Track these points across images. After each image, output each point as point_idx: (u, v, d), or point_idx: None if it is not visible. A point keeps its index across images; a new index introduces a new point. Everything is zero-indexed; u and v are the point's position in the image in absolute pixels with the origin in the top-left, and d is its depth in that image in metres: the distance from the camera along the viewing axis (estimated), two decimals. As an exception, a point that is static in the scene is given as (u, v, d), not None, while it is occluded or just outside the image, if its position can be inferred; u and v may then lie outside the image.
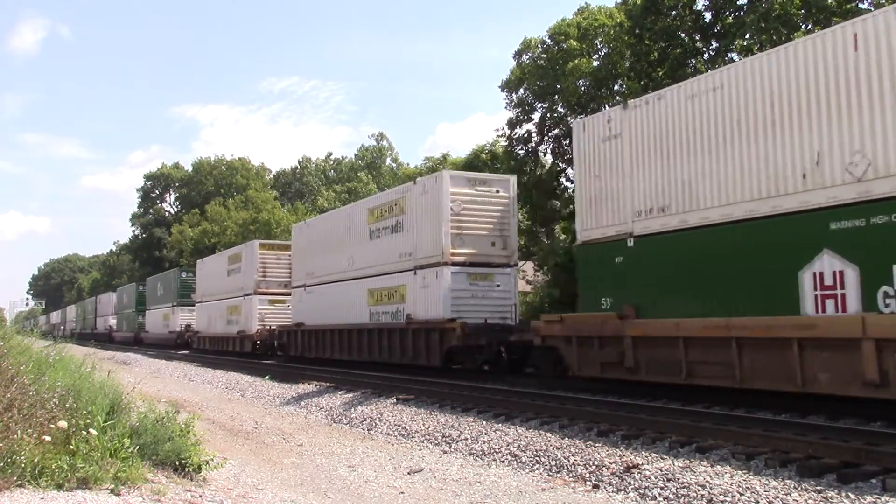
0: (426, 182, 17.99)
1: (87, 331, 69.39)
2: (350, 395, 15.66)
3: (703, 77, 11.79)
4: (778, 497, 6.49)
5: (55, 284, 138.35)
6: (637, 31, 27.78)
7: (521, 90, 33.87)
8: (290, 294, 26.70)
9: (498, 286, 17.01)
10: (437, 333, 16.76)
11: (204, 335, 35.24)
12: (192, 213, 66.13)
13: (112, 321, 61.18)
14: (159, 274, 51.85)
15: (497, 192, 17.49)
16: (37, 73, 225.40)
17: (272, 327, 27.50)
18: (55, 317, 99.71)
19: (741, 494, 6.64)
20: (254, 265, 28.90)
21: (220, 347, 32.38)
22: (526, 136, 34.19)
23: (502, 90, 34.50)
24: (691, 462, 7.80)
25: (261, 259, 28.97)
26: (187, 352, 36.32)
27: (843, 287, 9.16)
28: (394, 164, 69.45)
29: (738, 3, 25.90)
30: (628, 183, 12.30)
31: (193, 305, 38.97)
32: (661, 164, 11.77)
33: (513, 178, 18.19)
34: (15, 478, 5.32)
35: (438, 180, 17.27)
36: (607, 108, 31.33)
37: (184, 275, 42.64)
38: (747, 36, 25.58)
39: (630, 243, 12.19)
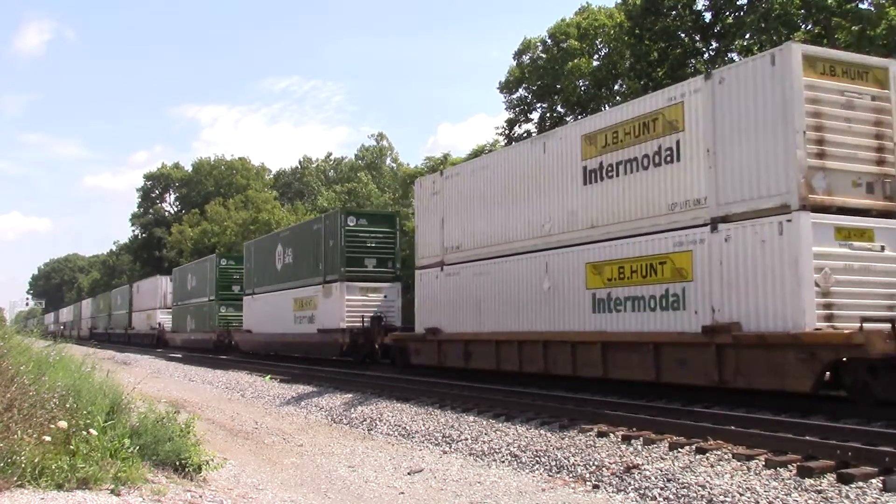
0: None
1: (119, 331, 53.98)
2: (350, 395, 15.66)
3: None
4: (778, 497, 6.49)
5: (55, 284, 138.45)
6: (637, 31, 27.81)
7: (521, 90, 33.90)
8: None
9: None
10: None
11: (461, 336, 16.24)
12: (192, 213, 66.19)
13: (162, 317, 43.73)
14: (278, 231, 33.04)
15: None
16: (40, 74, 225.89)
17: None
18: (65, 314, 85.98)
19: (741, 494, 6.63)
20: (789, 112, 9.93)
21: (607, 372, 12.61)
22: (525, 135, 34.22)
23: (500, 91, 34.54)
24: (691, 462, 7.79)
25: (813, 92, 10.06)
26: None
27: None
28: (394, 165, 69.44)
29: (738, 3, 25.92)
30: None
31: (375, 282, 22.26)
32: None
33: None
34: (15, 478, 5.31)
35: None
36: (607, 107, 31.39)
37: (353, 222, 22.47)
38: (747, 36, 25.60)
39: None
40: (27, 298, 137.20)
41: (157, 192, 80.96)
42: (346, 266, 21.99)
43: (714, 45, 27.40)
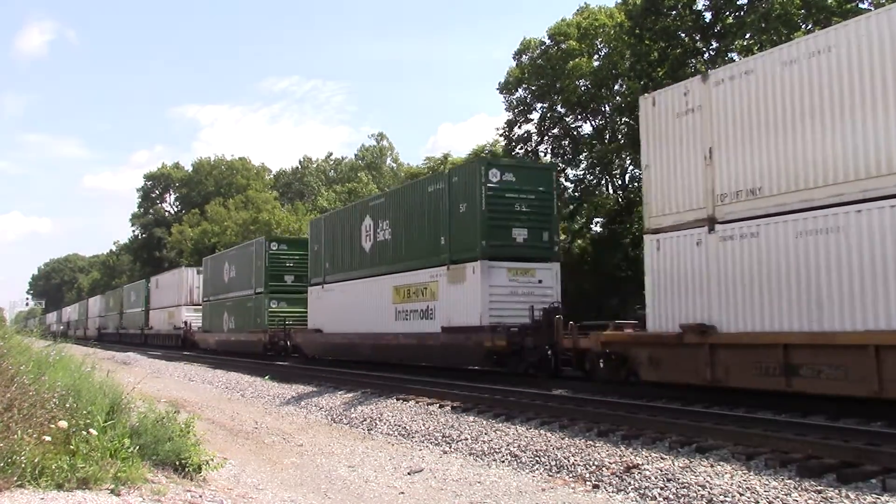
0: None
1: (134, 331, 49.74)
2: (350, 395, 15.66)
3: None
4: (778, 497, 6.49)
5: (55, 284, 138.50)
6: (637, 31, 27.82)
7: (521, 90, 33.92)
8: None
9: None
10: None
11: (774, 339, 9.89)
12: (192, 213, 66.26)
13: (189, 315, 38.11)
14: (364, 199, 26.76)
15: None
16: (41, 75, 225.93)
17: None
18: (70, 313, 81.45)
19: (741, 494, 6.64)
20: None
21: None
22: (525, 135, 34.23)
23: (500, 92, 34.56)
24: (691, 462, 7.79)
25: None
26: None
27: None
28: (394, 165, 69.55)
29: (738, 3, 25.93)
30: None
31: (527, 262, 15.91)
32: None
33: None
34: (15, 478, 5.31)
35: None
36: (607, 107, 31.38)
37: (496, 177, 15.83)
38: (747, 36, 25.60)
39: None
40: (27, 298, 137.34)
41: (157, 192, 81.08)
42: (489, 239, 15.47)
43: (714, 45, 27.40)
